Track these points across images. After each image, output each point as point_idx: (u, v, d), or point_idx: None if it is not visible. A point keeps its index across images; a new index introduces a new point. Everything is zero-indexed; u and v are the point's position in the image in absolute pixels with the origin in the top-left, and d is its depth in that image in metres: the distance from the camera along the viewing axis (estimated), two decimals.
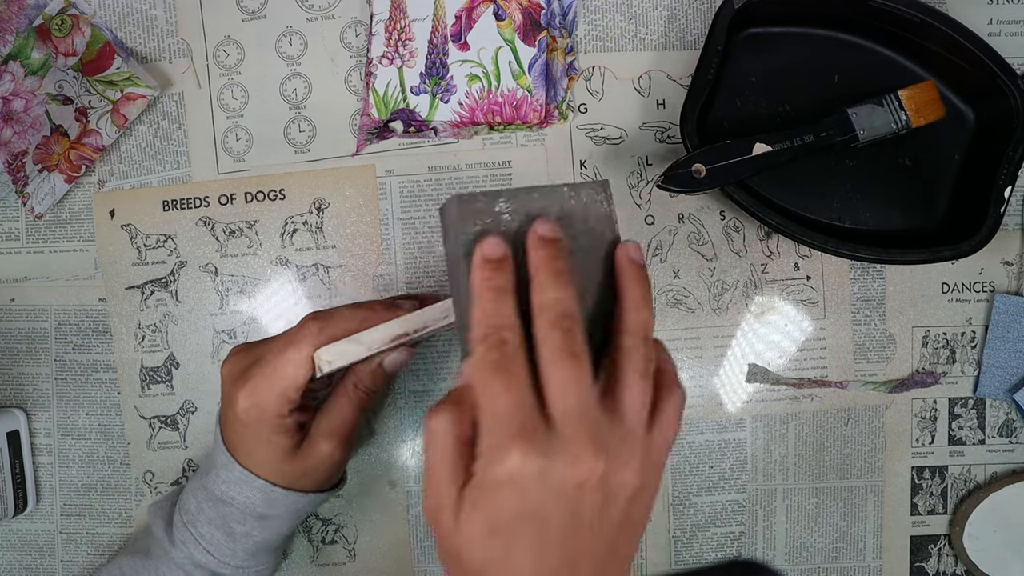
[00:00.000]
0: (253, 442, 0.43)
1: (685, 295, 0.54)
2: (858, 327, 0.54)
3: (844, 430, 0.54)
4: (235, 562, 0.45)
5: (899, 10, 0.48)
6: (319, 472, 0.45)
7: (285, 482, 0.44)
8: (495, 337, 0.32)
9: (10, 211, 0.56)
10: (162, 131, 0.55)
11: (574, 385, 0.32)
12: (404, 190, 0.54)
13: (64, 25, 0.53)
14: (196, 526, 0.45)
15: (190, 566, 0.45)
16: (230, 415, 0.42)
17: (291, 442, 0.43)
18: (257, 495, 0.44)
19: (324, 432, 0.44)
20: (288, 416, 0.42)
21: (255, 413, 0.41)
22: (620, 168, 0.54)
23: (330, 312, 0.42)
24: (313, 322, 0.41)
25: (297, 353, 0.40)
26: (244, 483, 0.44)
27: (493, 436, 0.31)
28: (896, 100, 0.49)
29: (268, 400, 0.41)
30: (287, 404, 0.41)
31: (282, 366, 0.40)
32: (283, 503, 0.45)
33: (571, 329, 0.32)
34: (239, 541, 0.45)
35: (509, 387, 0.31)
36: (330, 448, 0.44)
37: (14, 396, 0.57)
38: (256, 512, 0.44)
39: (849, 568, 0.55)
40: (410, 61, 0.52)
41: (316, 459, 0.44)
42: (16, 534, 0.57)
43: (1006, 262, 0.54)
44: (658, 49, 0.54)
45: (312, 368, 0.40)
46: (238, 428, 0.43)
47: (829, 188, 0.52)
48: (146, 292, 0.55)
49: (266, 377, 0.41)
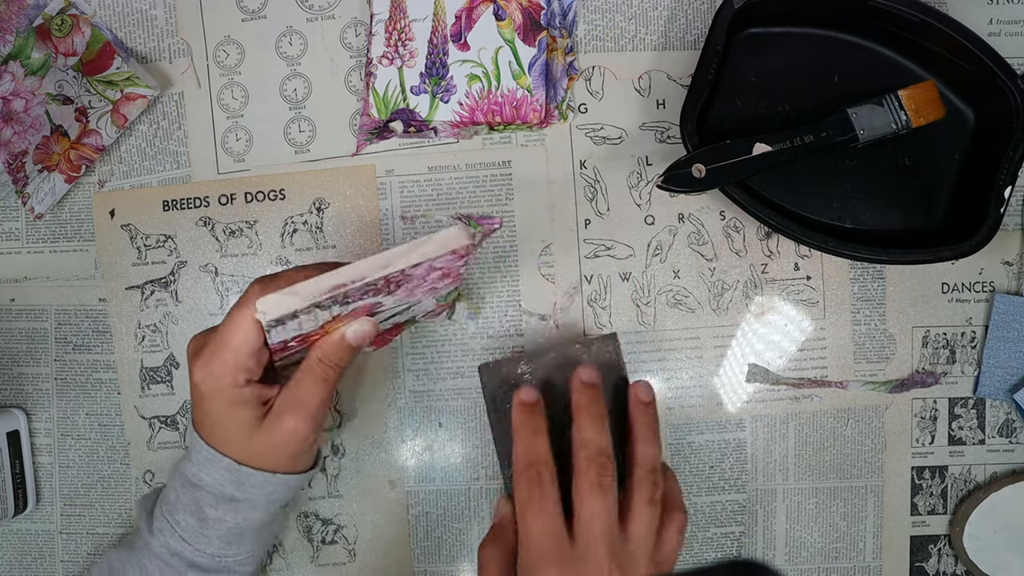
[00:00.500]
0: (215, 415, 0.42)
1: (685, 295, 0.54)
2: (858, 327, 0.54)
3: (844, 430, 0.54)
4: (210, 549, 0.45)
5: (899, 10, 0.48)
6: (286, 449, 0.44)
7: (252, 460, 0.43)
8: (534, 470, 0.42)
9: (10, 211, 0.56)
10: (162, 131, 0.55)
11: (603, 514, 0.41)
12: (404, 190, 0.54)
13: (64, 25, 0.53)
14: (173, 514, 0.45)
15: (167, 555, 0.45)
16: (193, 393, 0.42)
17: (253, 416, 0.42)
18: (225, 475, 0.43)
19: (289, 406, 0.43)
20: (245, 385, 0.41)
21: (211, 383, 0.41)
22: (620, 168, 0.54)
23: (275, 274, 0.42)
24: (256, 284, 0.41)
25: (243, 316, 0.40)
26: (211, 463, 0.43)
27: (531, 556, 0.40)
28: (896, 100, 0.49)
29: (222, 369, 0.41)
30: (241, 372, 0.41)
31: (230, 332, 0.40)
32: (251, 483, 0.44)
33: (605, 465, 0.42)
34: (212, 527, 0.44)
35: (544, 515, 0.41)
36: (294, 422, 0.43)
37: (14, 396, 0.57)
38: (226, 494, 0.44)
39: (849, 568, 0.55)
40: (410, 61, 0.52)
41: (280, 434, 0.43)
42: (16, 534, 0.57)
43: (1006, 262, 0.54)
44: (658, 49, 0.54)
45: (261, 332, 0.40)
46: (199, 402, 0.42)
47: (829, 188, 0.52)
48: (146, 292, 0.55)
49: (218, 345, 0.41)
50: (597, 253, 0.54)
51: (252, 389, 0.42)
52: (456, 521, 0.55)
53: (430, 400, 0.55)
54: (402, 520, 0.55)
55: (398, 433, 0.55)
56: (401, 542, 0.55)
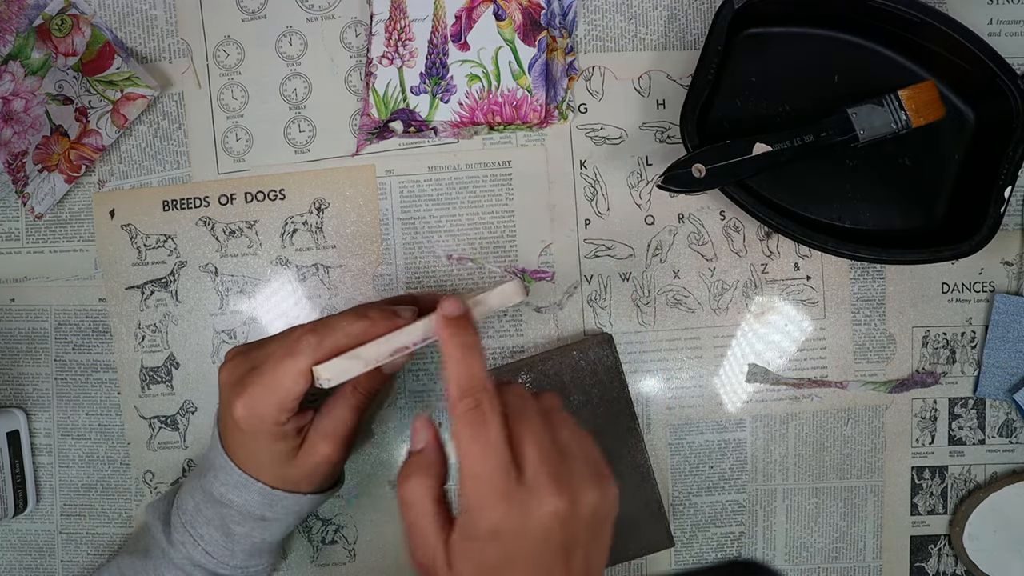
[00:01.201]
0: (252, 448, 0.43)
1: (685, 295, 0.54)
2: (858, 327, 0.54)
3: (844, 430, 0.54)
4: (234, 562, 0.45)
5: (899, 10, 0.48)
6: (318, 474, 0.45)
7: (284, 485, 0.44)
8: (470, 400, 0.36)
9: (10, 211, 0.56)
10: (162, 131, 0.55)
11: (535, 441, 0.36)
12: (404, 190, 0.54)
13: (64, 25, 0.53)
14: (194, 527, 0.45)
15: (189, 566, 0.45)
16: (229, 421, 0.42)
17: (290, 447, 0.43)
18: (256, 498, 0.44)
19: (323, 434, 0.44)
20: (286, 423, 0.42)
21: (253, 422, 0.41)
22: (620, 168, 0.54)
23: (329, 322, 0.41)
24: (312, 334, 0.40)
25: (295, 366, 0.40)
26: (243, 486, 0.44)
27: (475, 496, 0.35)
28: (896, 100, 0.49)
29: (266, 410, 0.41)
30: (285, 414, 0.41)
31: (280, 378, 0.40)
32: (283, 505, 0.45)
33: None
34: (238, 542, 0.45)
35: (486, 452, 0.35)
36: (329, 450, 0.44)
37: (14, 396, 0.57)
38: (255, 514, 0.44)
39: (849, 568, 0.55)
40: (410, 61, 0.52)
41: (315, 461, 0.44)
42: (16, 534, 0.57)
43: (1006, 262, 0.54)
44: (658, 49, 0.54)
45: (310, 380, 0.40)
46: (236, 435, 0.43)
47: (829, 188, 0.52)
48: (146, 292, 0.55)
49: (264, 387, 0.40)
50: (597, 253, 0.54)
51: (292, 423, 0.42)
52: None
53: (430, 400, 0.55)
54: None
55: (398, 433, 0.55)
56: (401, 542, 0.55)
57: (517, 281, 0.40)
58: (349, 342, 0.40)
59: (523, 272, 0.44)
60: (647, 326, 0.54)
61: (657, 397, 0.54)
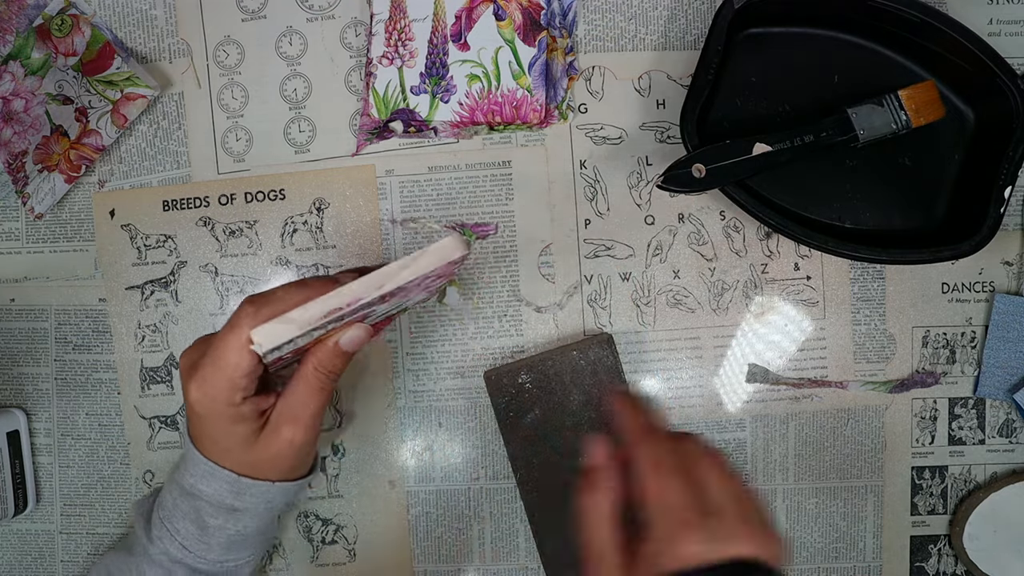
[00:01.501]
0: (212, 433, 0.42)
1: (685, 295, 0.54)
2: (858, 327, 0.54)
3: (844, 430, 0.54)
4: (211, 556, 0.45)
5: (899, 10, 0.48)
6: (285, 459, 0.44)
7: (251, 471, 0.43)
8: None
9: (10, 211, 0.56)
10: (162, 131, 0.55)
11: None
12: (404, 190, 0.54)
13: (64, 25, 0.53)
14: (171, 521, 0.45)
15: (168, 562, 0.45)
16: (188, 409, 0.42)
17: (250, 429, 0.42)
18: (224, 486, 0.43)
19: (285, 417, 0.43)
20: (241, 404, 0.41)
21: (206, 403, 0.40)
22: (620, 168, 0.54)
23: (267, 293, 0.40)
24: (249, 305, 0.40)
25: (236, 339, 0.39)
26: (211, 476, 0.43)
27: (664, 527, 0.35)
28: (896, 100, 0.49)
29: (216, 390, 0.40)
30: (236, 391, 0.40)
31: (224, 353, 0.39)
32: (251, 493, 0.44)
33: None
34: (213, 535, 0.44)
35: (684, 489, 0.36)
36: (291, 433, 0.43)
37: (14, 396, 0.57)
38: (225, 503, 0.44)
39: (849, 568, 0.55)
40: (410, 61, 0.52)
41: (278, 445, 0.43)
42: (16, 534, 0.57)
43: (1006, 262, 0.54)
44: (658, 49, 0.54)
45: (255, 354, 0.39)
46: (195, 420, 0.42)
47: (829, 188, 0.52)
48: (146, 292, 0.55)
49: (212, 366, 0.40)
50: (597, 253, 0.54)
51: (248, 405, 0.41)
52: (456, 521, 0.55)
53: (430, 400, 0.55)
54: (402, 520, 0.55)
55: (398, 433, 0.55)
56: (401, 542, 0.55)
57: (455, 235, 0.38)
58: (286, 307, 0.39)
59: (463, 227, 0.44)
60: (647, 326, 0.54)
61: (657, 397, 0.54)
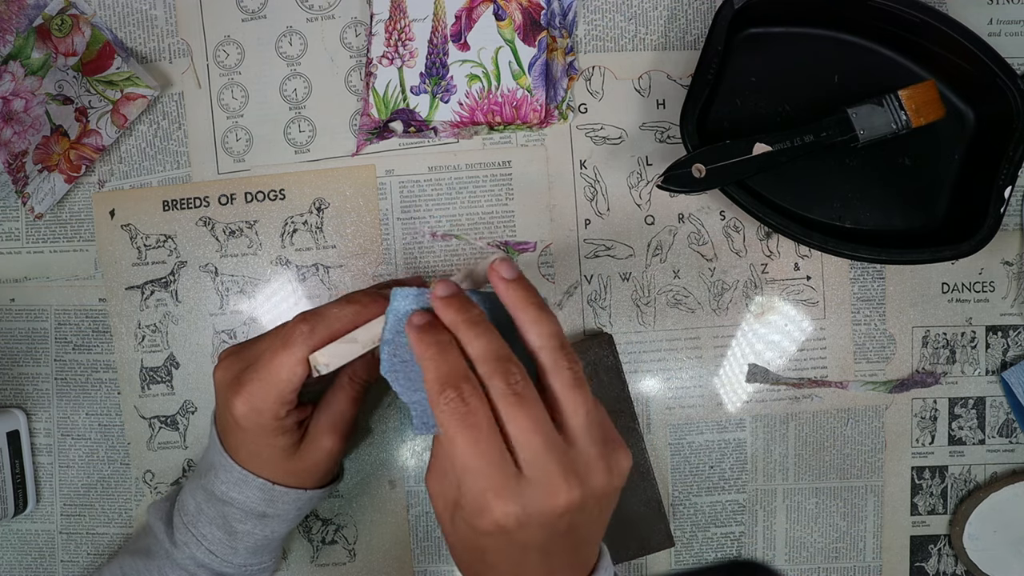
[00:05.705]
0: (254, 446, 0.43)
1: (685, 295, 0.54)
2: (858, 327, 0.54)
3: (844, 430, 0.54)
4: (237, 560, 0.46)
5: (899, 10, 0.48)
6: (320, 467, 0.45)
7: (286, 480, 0.44)
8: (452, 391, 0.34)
9: (10, 211, 0.56)
10: (162, 131, 0.55)
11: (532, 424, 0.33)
12: (404, 190, 0.54)
13: (64, 25, 0.53)
14: (197, 527, 0.45)
15: (193, 566, 0.45)
16: (229, 420, 0.42)
17: (291, 441, 0.43)
18: (257, 494, 0.44)
19: (325, 427, 0.44)
20: (286, 417, 0.42)
21: (253, 417, 0.41)
22: (620, 168, 0.54)
23: (319, 311, 0.41)
24: (303, 323, 0.40)
25: (291, 356, 0.40)
26: (244, 483, 0.44)
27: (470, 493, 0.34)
28: (896, 100, 0.49)
29: (265, 404, 0.41)
30: (285, 407, 0.41)
31: (276, 370, 0.40)
32: (283, 501, 0.45)
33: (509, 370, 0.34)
34: (241, 540, 0.45)
35: (477, 442, 0.33)
36: (330, 443, 0.44)
37: (14, 396, 0.57)
38: (257, 511, 0.44)
39: (849, 568, 0.55)
40: (410, 61, 0.52)
41: (318, 455, 0.44)
42: (16, 534, 0.57)
43: (1006, 262, 0.54)
44: (658, 49, 0.54)
45: (307, 370, 0.40)
46: (238, 434, 0.43)
47: (829, 188, 0.52)
48: (146, 292, 0.55)
49: (261, 381, 0.41)
50: (597, 253, 0.54)
51: (291, 418, 0.43)
52: None
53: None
54: (402, 520, 0.55)
55: (398, 433, 0.55)
56: (401, 542, 0.55)
57: (502, 254, 0.40)
58: (340, 327, 0.41)
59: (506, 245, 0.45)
60: (647, 326, 0.54)
61: (657, 397, 0.54)
